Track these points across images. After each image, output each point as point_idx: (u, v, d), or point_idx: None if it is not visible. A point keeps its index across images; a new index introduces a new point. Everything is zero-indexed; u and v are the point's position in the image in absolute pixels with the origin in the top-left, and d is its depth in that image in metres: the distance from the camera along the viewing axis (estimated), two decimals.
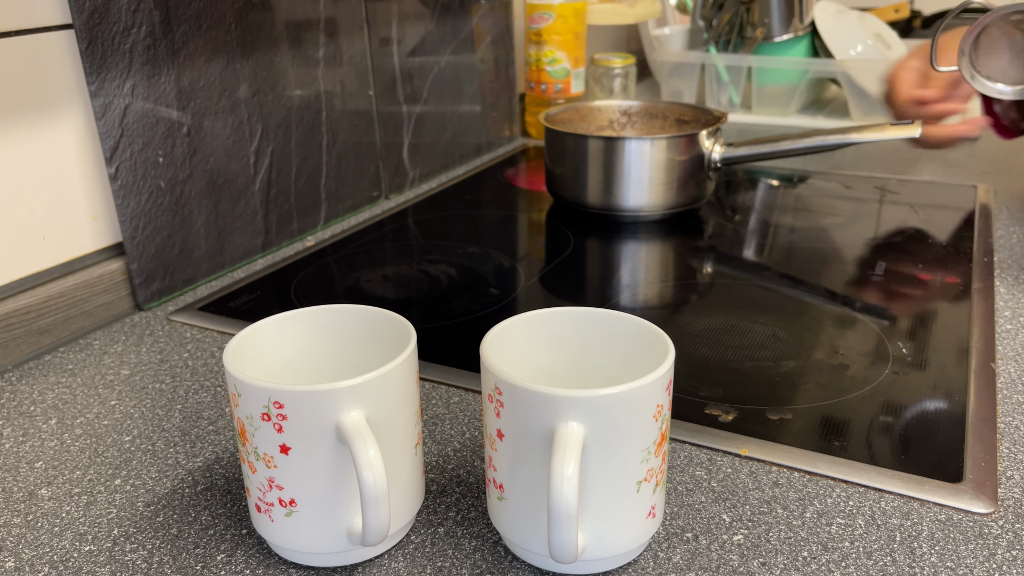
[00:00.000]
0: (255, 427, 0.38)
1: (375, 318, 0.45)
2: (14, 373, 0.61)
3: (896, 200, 0.92)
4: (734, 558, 0.41)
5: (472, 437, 0.52)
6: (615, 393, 0.36)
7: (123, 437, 0.52)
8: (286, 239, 0.84)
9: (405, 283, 0.74)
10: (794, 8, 1.29)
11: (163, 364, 0.61)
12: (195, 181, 0.73)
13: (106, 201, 0.68)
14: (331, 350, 0.46)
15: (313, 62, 0.84)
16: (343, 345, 0.46)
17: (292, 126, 0.82)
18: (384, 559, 0.42)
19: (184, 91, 0.70)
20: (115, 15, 0.64)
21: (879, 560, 0.41)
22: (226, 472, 0.49)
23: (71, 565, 0.42)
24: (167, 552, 0.43)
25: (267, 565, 0.42)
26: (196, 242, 0.74)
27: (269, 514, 0.40)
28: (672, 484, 0.47)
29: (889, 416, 0.52)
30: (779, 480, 0.47)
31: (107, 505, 0.46)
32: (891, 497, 0.45)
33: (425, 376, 0.58)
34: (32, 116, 0.62)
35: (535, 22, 1.14)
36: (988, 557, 0.41)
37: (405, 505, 0.42)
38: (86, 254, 0.68)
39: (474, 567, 0.41)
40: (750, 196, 0.97)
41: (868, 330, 0.63)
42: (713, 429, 0.51)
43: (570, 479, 0.35)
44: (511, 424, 0.38)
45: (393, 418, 0.40)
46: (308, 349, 0.46)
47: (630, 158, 0.84)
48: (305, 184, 0.85)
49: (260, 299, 0.71)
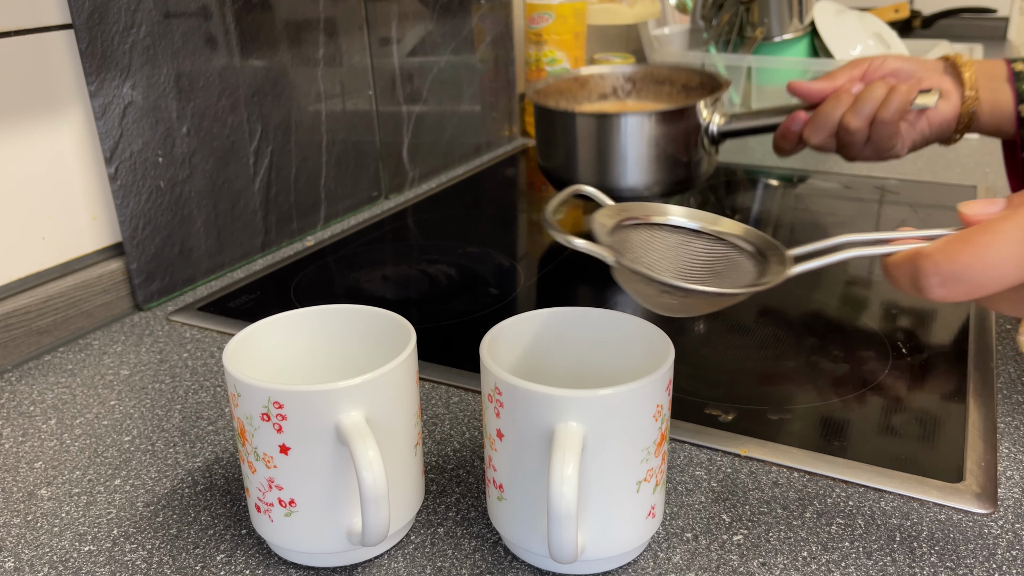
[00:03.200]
0: (255, 427, 0.38)
1: (375, 318, 0.45)
2: (14, 373, 0.61)
3: (896, 200, 0.92)
4: (734, 558, 0.41)
5: (472, 437, 0.52)
6: (615, 393, 0.36)
7: (123, 437, 0.52)
8: (286, 239, 0.84)
9: (405, 283, 0.74)
10: (794, 8, 1.29)
11: (163, 364, 0.61)
12: (195, 181, 0.73)
13: (106, 201, 0.68)
14: (331, 350, 0.46)
15: (313, 62, 0.84)
16: (343, 345, 0.46)
17: (292, 126, 0.82)
18: (384, 559, 0.42)
19: (184, 91, 0.70)
20: (115, 15, 0.64)
21: (879, 560, 0.41)
22: (226, 472, 0.49)
23: (71, 565, 0.42)
24: (167, 552, 0.42)
25: (267, 565, 0.42)
26: (196, 242, 0.74)
27: (269, 514, 0.40)
28: (672, 484, 0.47)
29: (889, 416, 0.52)
30: (779, 480, 0.47)
31: (107, 505, 0.46)
32: (891, 497, 0.45)
33: (425, 376, 0.58)
34: (32, 116, 0.62)
35: (535, 22, 1.14)
36: (988, 557, 0.41)
37: (405, 505, 0.42)
38: (86, 254, 0.68)
39: (474, 567, 0.41)
40: (750, 196, 0.97)
41: (868, 330, 0.63)
42: (713, 429, 0.51)
43: (570, 479, 0.35)
44: (511, 424, 0.38)
45: (393, 418, 0.40)
46: (308, 349, 0.46)
47: (622, 135, 0.76)
48: (305, 184, 0.85)
49: (260, 299, 0.71)
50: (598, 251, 0.35)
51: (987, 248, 0.31)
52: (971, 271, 0.31)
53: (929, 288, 0.33)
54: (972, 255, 0.31)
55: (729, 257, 0.38)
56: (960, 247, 0.32)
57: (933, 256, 0.33)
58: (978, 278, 0.31)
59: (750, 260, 0.38)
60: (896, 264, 0.35)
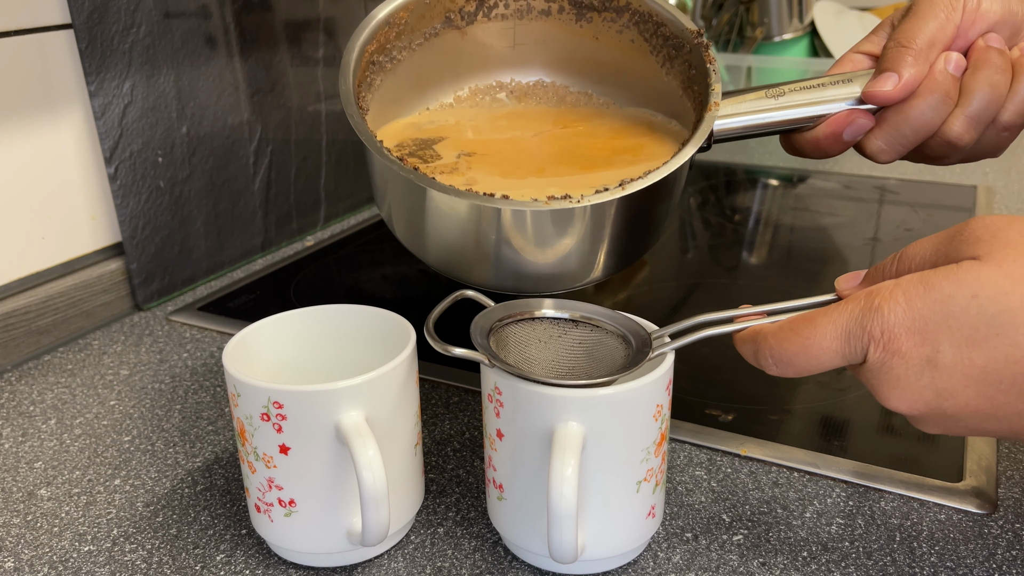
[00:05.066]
0: (254, 427, 0.38)
1: (375, 318, 0.45)
2: (13, 373, 0.61)
3: (896, 200, 0.92)
4: (734, 558, 0.41)
5: (472, 437, 0.52)
6: (615, 393, 0.36)
7: (122, 437, 0.52)
8: (285, 239, 0.84)
9: (405, 283, 0.74)
10: (794, 8, 1.29)
11: (162, 364, 0.61)
12: (194, 181, 0.73)
13: (105, 201, 0.68)
14: (331, 350, 0.46)
15: (313, 62, 0.84)
16: (343, 345, 0.46)
17: (291, 126, 0.82)
18: (384, 559, 0.42)
19: (183, 91, 0.70)
20: (114, 15, 0.64)
21: (879, 560, 0.41)
22: (225, 472, 0.49)
23: (70, 565, 0.42)
24: (166, 552, 0.42)
25: (266, 565, 0.41)
26: (195, 242, 0.74)
27: (268, 514, 0.40)
28: (672, 484, 0.47)
29: (889, 416, 0.52)
30: (779, 480, 0.47)
31: (106, 505, 0.46)
32: (891, 497, 0.45)
33: (425, 376, 0.58)
34: (31, 116, 0.62)
35: None
36: (988, 557, 0.41)
37: (405, 505, 0.42)
38: (85, 254, 0.68)
39: (474, 567, 0.41)
40: (750, 196, 0.97)
41: None
42: (713, 429, 0.51)
43: (570, 479, 0.35)
44: (511, 424, 0.38)
45: (393, 418, 0.40)
46: (308, 349, 0.46)
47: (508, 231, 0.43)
48: (304, 184, 0.85)
49: (259, 299, 0.71)
50: (474, 356, 0.38)
51: (808, 340, 0.35)
52: (796, 358, 0.35)
53: (767, 367, 0.36)
54: (798, 345, 0.35)
55: (602, 342, 0.41)
56: (789, 336, 0.35)
57: (768, 339, 0.36)
58: (802, 365, 0.35)
59: (619, 342, 0.41)
60: (742, 341, 0.38)
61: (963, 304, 0.32)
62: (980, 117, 0.44)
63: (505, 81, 0.56)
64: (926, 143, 0.46)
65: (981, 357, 0.32)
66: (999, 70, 0.44)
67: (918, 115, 0.44)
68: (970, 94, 0.44)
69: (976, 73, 0.44)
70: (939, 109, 0.44)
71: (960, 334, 0.32)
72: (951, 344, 0.32)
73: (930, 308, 0.32)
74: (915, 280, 0.33)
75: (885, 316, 0.33)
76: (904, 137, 0.45)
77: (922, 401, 0.33)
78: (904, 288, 0.33)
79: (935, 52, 0.44)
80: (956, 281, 0.32)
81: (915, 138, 0.45)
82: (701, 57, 0.48)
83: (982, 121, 0.44)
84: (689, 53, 0.49)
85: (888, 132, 0.45)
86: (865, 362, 0.34)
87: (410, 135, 0.52)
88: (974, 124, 0.44)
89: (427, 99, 0.55)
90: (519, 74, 0.56)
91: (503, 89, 0.56)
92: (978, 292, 0.32)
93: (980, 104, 0.44)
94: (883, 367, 0.33)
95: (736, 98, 0.47)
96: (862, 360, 0.34)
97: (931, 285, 0.33)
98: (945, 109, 0.44)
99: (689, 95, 0.50)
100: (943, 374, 0.33)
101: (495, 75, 0.56)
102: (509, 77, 0.56)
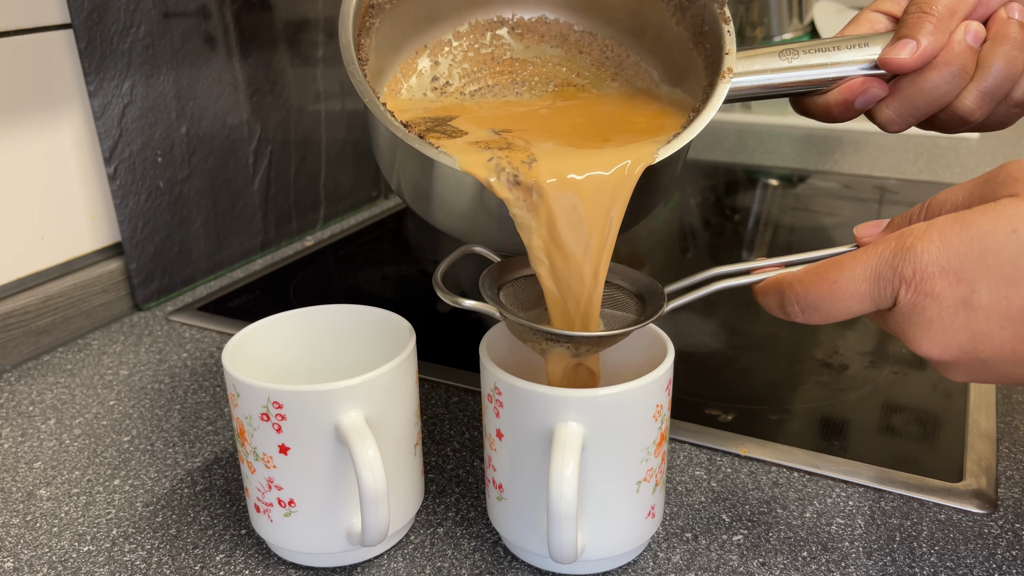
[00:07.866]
0: (254, 427, 0.38)
1: (374, 318, 0.45)
2: (13, 373, 0.61)
3: (896, 200, 0.92)
4: (734, 558, 0.41)
5: (472, 437, 0.52)
6: (615, 393, 0.36)
7: (122, 437, 0.52)
8: (285, 239, 0.84)
9: (405, 283, 0.74)
10: (794, 8, 1.29)
11: (162, 364, 0.61)
12: (194, 181, 0.73)
13: (105, 201, 0.68)
14: (330, 350, 0.46)
15: (312, 62, 0.84)
16: (342, 345, 0.46)
17: (291, 126, 0.82)
18: (383, 559, 0.42)
19: (183, 91, 0.70)
20: (114, 15, 0.64)
21: (879, 560, 0.41)
22: (225, 472, 0.49)
23: (70, 565, 0.42)
24: (166, 552, 0.42)
25: (266, 565, 0.41)
26: (195, 242, 0.74)
27: (268, 514, 0.40)
28: (672, 484, 0.47)
29: (889, 416, 0.52)
30: (779, 480, 0.47)
31: (106, 505, 0.46)
32: (891, 497, 0.45)
33: (425, 376, 0.58)
34: (31, 116, 0.62)
35: None
36: (988, 557, 0.41)
37: (404, 505, 0.42)
38: (85, 254, 0.68)
39: (473, 567, 0.41)
40: (750, 196, 0.97)
41: (868, 330, 0.63)
42: (713, 429, 0.51)
43: (569, 479, 0.35)
44: (510, 424, 0.38)
45: (392, 418, 0.40)
46: (307, 349, 0.46)
47: None
48: (304, 184, 0.85)
49: (259, 299, 0.71)
50: (484, 308, 0.37)
51: (835, 284, 0.34)
52: (823, 302, 0.34)
53: (794, 314, 0.36)
54: (825, 289, 0.34)
55: (614, 298, 0.41)
56: (816, 280, 0.35)
57: (794, 286, 0.35)
58: (830, 309, 0.34)
59: (632, 299, 0.40)
60: (764, 291, 0.37)
61: (1002, 240, 0.31)
62: (994, 93, 0.43)
63: (507, 16, 0.53)
64: (937, 115, 0.45)
65: (1021, 296, 0.30)
66: (1018, 45, 0.43)
67: (932, 88, 0.43)
68: (986, 69, 0.43)
69: (995, 47, 0.43)
70: (954, 83, 0.43)
71: (999, 272, 0.31)
72: (988, 283, 0.31)
73: (967, 245, 0.31)
74: (950, 219, 0.32)
75: (918, 255, 0.32)
76: (916, 109, 0.45)
77: (955, 344, 0.32)
78: (939, 227, 0.32)
79: (956, 20, 0.43)
80: (995, 217, 0.31)
81: (927, 110, 0.45)
82: (714, 14, 0.45)
83: (995, 97, 0.44)
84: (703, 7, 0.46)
85: (900, 103, 0.45)
86: (895, 306, 0.33)
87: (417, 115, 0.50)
88: (987, 100, 0.44)
89: (425, 36, 0.52)
90: (522, 9, 0.53)
91: (504, 24, 0.53)
92: (1018, 227, 0.30)
93: (995, 80, 0.43)
94: (915, 309, 0.32)
95: (747, 55, 0.45)
96: (892, 304, 0.33)
97: (968, 222, 0.31)
98: (960, 83, 0.43)
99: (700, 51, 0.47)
100: (979, 315, 0.31)
101: (497, 9, 0.53)
102: (511, 12, 0.54)
